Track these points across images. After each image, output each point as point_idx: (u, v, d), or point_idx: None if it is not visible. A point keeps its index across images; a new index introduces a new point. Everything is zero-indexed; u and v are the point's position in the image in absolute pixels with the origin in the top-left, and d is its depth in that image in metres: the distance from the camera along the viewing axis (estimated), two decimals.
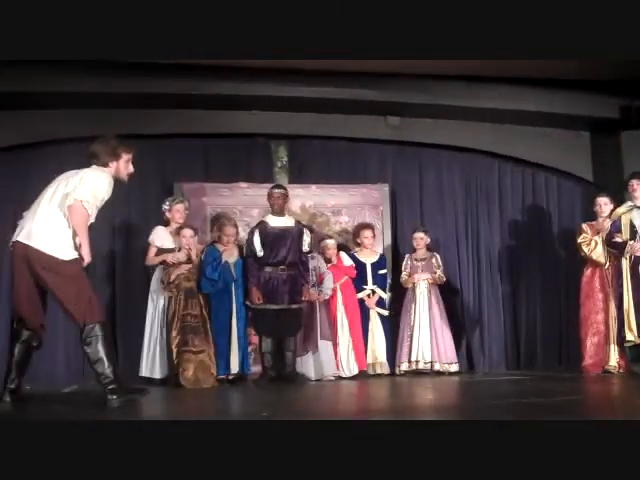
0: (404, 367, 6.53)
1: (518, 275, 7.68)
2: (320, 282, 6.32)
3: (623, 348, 5.97)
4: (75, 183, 3.99)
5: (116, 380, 3.88)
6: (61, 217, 3.96)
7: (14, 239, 4.03)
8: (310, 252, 6.28)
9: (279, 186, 6.41)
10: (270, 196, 6.23)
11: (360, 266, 6.73)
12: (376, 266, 6.79)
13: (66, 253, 3.94)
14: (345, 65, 6.23)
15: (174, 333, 5.65)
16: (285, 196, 6.27)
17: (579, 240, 6.34)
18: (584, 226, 6.43)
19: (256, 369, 6.20)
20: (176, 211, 6.11)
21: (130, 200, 6.94)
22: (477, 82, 7.03)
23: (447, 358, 6.55)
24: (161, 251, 5.94)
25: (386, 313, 6.74)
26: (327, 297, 6.33)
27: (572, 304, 6.54)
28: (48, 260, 3.90)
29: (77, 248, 3.98)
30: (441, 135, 7.58)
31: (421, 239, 6.80)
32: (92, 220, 4.06)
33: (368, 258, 6.79)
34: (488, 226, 7.74)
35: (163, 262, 5.87)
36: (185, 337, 5.64)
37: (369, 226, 6.92)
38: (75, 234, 3.98)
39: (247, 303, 6.01)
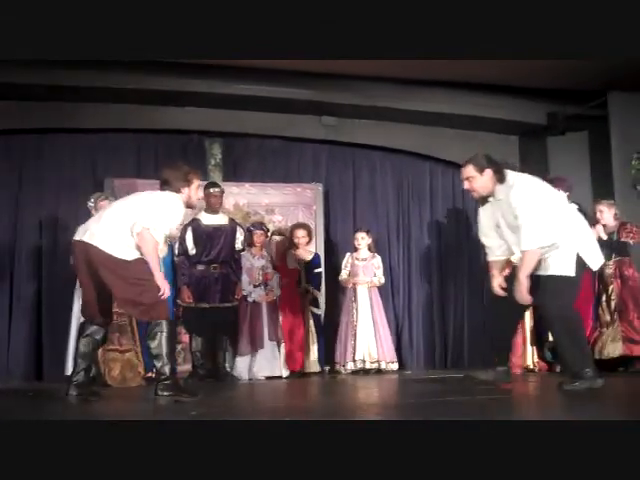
0: (350, 366, 6.56)
1: (447, 275, 7.85)
2: (266, 282, 6.28)
3: (541, 349, 6.15)
4: (146, 207, 4.04)
5: (170, 378, 4.01)
6: (126, 225, 3.97)
7: (75, 238, 4.06)
8: (243, 250, 6.26)
9: (216, 185, 6.30)
10: (208, 195, 6.14)
11: None
12: (311, 265, 6.81)
13: (128, 254, 3.98)
14: (281, 64, 6.24)
15: None
16: (222, 194, 6.23)
17: None
18: None
19: (186, 368, 6.15)
20: (101, 207, 5.94)
21: (60, 195, 6.84)
22: (411, 85, 7.14)
23: (388, 357, 6.63)
24: None
25: (319, 312, 6.79)
26: (275, 297, 6.31)
27: None
28: (108, 258, 3.94)
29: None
30: (375, 136, 7.68)
31: (362, 239, 6.82)
32: (161, 248, 4.12)
33: (302, 257, 6.82)
34: (419, 227, 7.88)
35: None
36: (111, 336, 5.52)
37: (302, 226, 6.92)
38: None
39: (178, 301, 5.96)
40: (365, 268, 6.76)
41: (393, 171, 7.90)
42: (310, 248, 6.93)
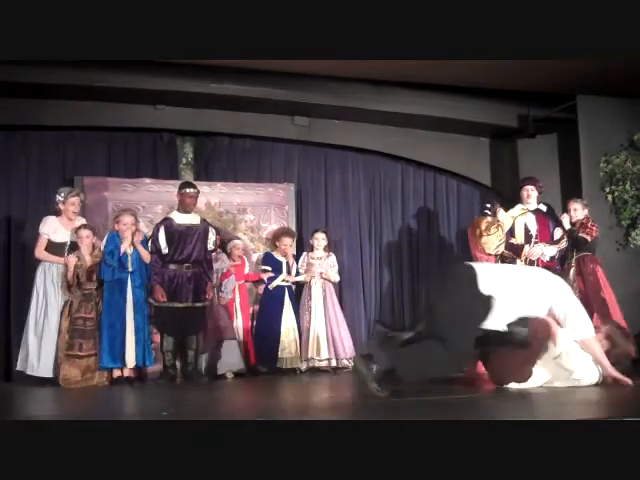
0: (303, 366, 6.57)
1: (418, 275, 7.88)
2: (220, 283, 6.38)
3: None
4: None
5: None
6: None
7: None
8: (214, 250, 6.24)
9: (192, 185, 6.22)
10: (184, 195, 6.06)
11: (277, 264, 6.76)
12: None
13: None
14: (254, 63, 6.23)
15: (65, 334, 5.50)
16: (197, 195, 6.18)
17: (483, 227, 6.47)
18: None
19: (157, 367, 6.09)
20: (71, 204, 5.84)
21: (29, 192, 6.77)
22: (383, 86, 7.18)
23: (345, 354, 6.61)
24: (51, 243, 5.74)
25: None
26: (226, 300, 6.40)
27: None
28: None
29: None
30: (347, 137, 7.71)
31: (322, 239, 6.88)
32: None
33: (284, 257, 6.82)
34: (390, 227, 7.93)
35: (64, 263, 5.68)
36: (73, 341, 5.48)
37: (288, 233, 6.95)
38: None
39: (150, 300, 5.89)
40: (320, 267, 6.78)
41: (365, 171, 7.93)
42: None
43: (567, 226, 6.23)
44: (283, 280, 6.69)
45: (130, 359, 5.58)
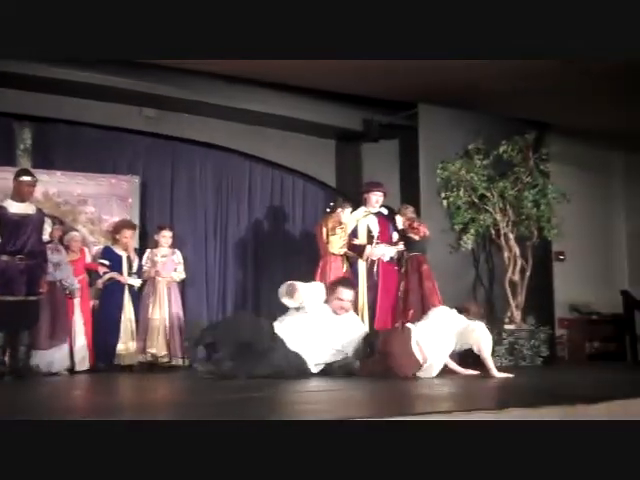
0: (140, 358, 6.52)
1: (263, 273, 7.96)
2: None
3: None
4: None
5: None
6: None
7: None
8: (50, 242, 6.00)
9: (29, 173, 5.92)
10: (20, 183, 5.77)
11: (116, 258, 6.63)
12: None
13: None
14: None
15: None
16: (35, 184, 5.89)
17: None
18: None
19: None
20: None
21: None
22: (235, 83, 7.18)
23: (180, 352, 6.61)
24: None
25: None
26: (75, 293, 6.23)
27: None
28: None
29: None
30: (196, 132, 7.64)
31: (169, 237, 6.82)
32: None
33: (124, 252, 6.69)
34: (236, 224, 7.95)
35: None
36: None
37: (129, 225, 6.80)
38: None
39: None
40: (164, 264, 6.73)
41: (213, 167, 7.91)
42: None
43: (400, 228, 6.63)
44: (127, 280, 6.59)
45: None
